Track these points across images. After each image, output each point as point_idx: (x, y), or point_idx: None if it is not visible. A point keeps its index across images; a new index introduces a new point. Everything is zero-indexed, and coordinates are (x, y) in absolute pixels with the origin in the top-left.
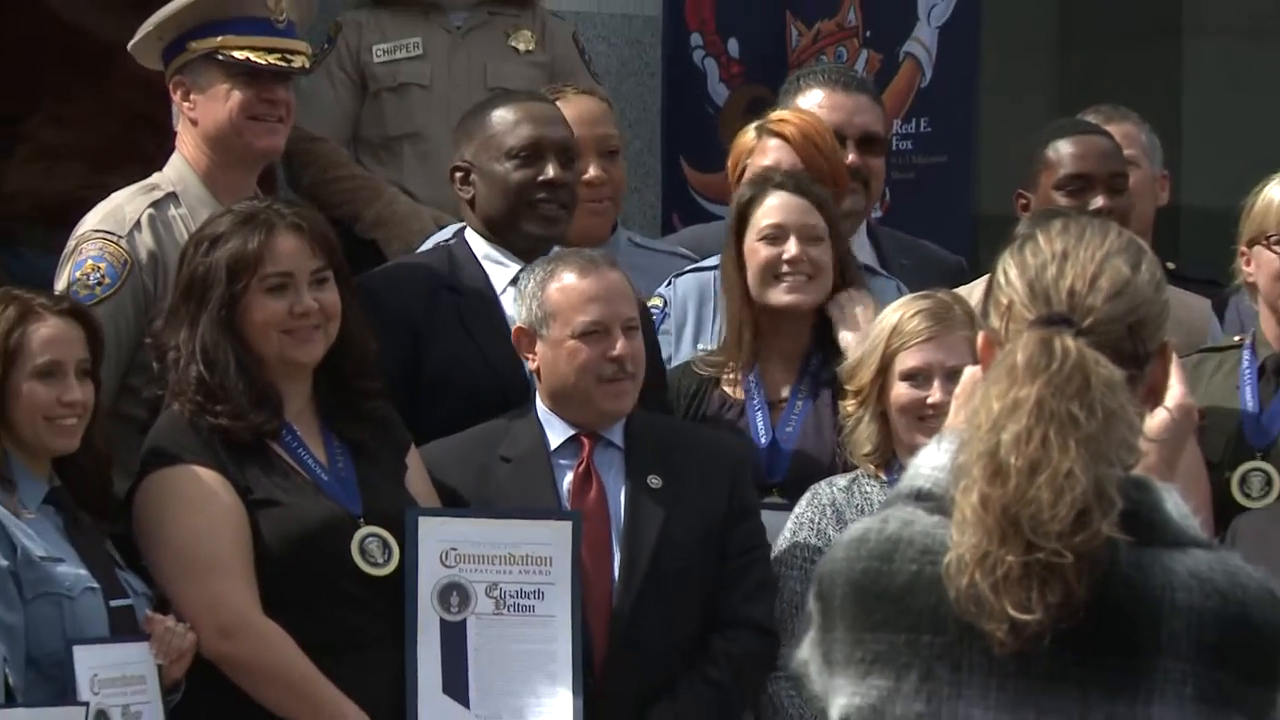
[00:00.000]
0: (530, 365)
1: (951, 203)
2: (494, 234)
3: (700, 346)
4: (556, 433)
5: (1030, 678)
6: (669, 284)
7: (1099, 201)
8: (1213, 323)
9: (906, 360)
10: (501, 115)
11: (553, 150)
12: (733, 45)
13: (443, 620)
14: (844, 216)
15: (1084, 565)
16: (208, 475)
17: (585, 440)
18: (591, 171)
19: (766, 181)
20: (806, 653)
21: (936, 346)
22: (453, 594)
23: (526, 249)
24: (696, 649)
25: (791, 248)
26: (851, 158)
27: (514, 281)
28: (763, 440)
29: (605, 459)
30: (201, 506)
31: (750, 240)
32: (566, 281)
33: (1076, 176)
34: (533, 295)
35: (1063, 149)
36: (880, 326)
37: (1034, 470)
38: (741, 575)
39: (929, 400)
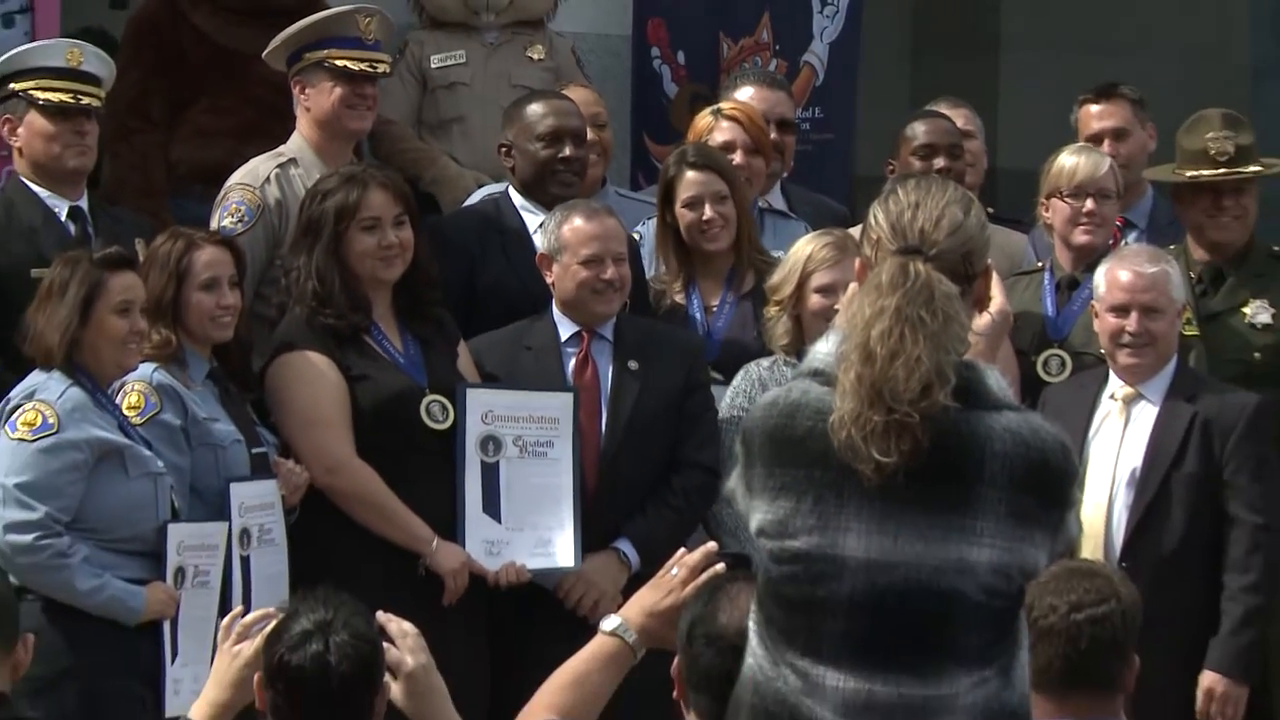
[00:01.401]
0: (549, 280)
1: (837, 168)
2: (527, 192)
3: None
4: (565, 329)
5: (890, 501)
6: (644, 223)
7: (940, 163)
8: (1029, 251)
9: (819, 279)
10: (534, 109)
11: (569, 135)
12: (680, 56)
13: (483, 462)
14: (769, 177)
15: (927, 423)
16: (318, 358)
17: (585, 335)
18: (590, 136)
19: (682, 161)
20: (734, 483)
21: (841, 269)
22: (489, 443)
23: (550, 203)
24: (661, 483)
25: (708, 211)
26: (773, 135)
27: (541, 225)
28: (700, 333)
29: (599, 348)
30: (314, 380)
31: (677, 206)
32: (576, 224)
33: (925, 146)
34: (552, 232)
35: (917, 128)
36: (796, 254)
37: (893, 356)
38: (693, 431)
39: (835, 307)
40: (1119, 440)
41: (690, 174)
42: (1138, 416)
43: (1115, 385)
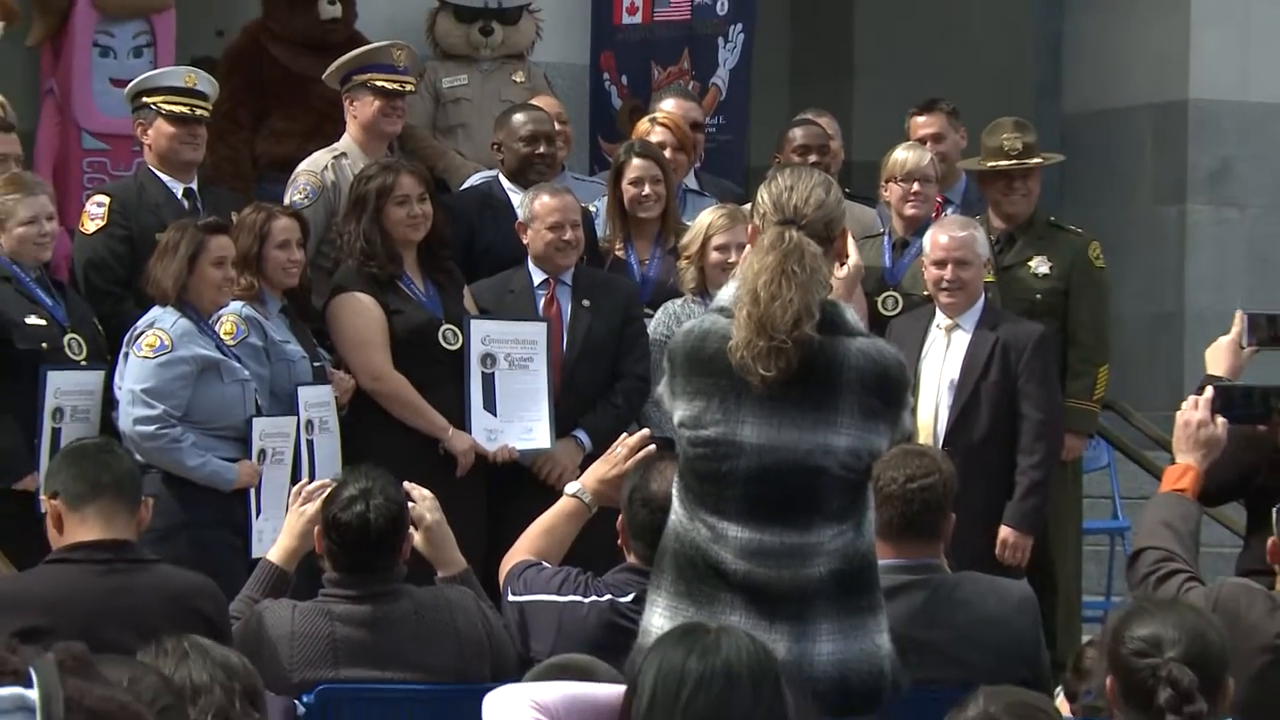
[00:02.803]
0: (525, 241)
1: (734, 160)
2: (512, 178)
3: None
4: (537, 277)
5: (774, 402)
6: (597, 201)
7: (812, 158)
8: (875, 220)
9: (717, 240)
10: (518, 119)
11: (543, 137)
12: (624, 78)
13: (483, 373)
14: (686, 165)
15: (798, 347)
16: (364, 297)
17: (551, 281)
18: (557, 127)
19: (630, 151)
20: (662, 388)
21: (732, 233)
22: (487, 359)
23: (527, 185)
24: (606, 388)
25: (646, 189)
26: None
27: (520, 201)
28: (635, 279)
29: (562, 291)
30: (361, 313)
31: (624, 183)
32: (544, 200)
33: (801, 145)
34: (527, 206)
35: (795, 132)
36: (700, 222)
37: (773, 299)
38: (630, 351)
39: (729, 261)
40: (942, 358)
41: (636, 160)
42: (955, 341)
43: (940, 319)
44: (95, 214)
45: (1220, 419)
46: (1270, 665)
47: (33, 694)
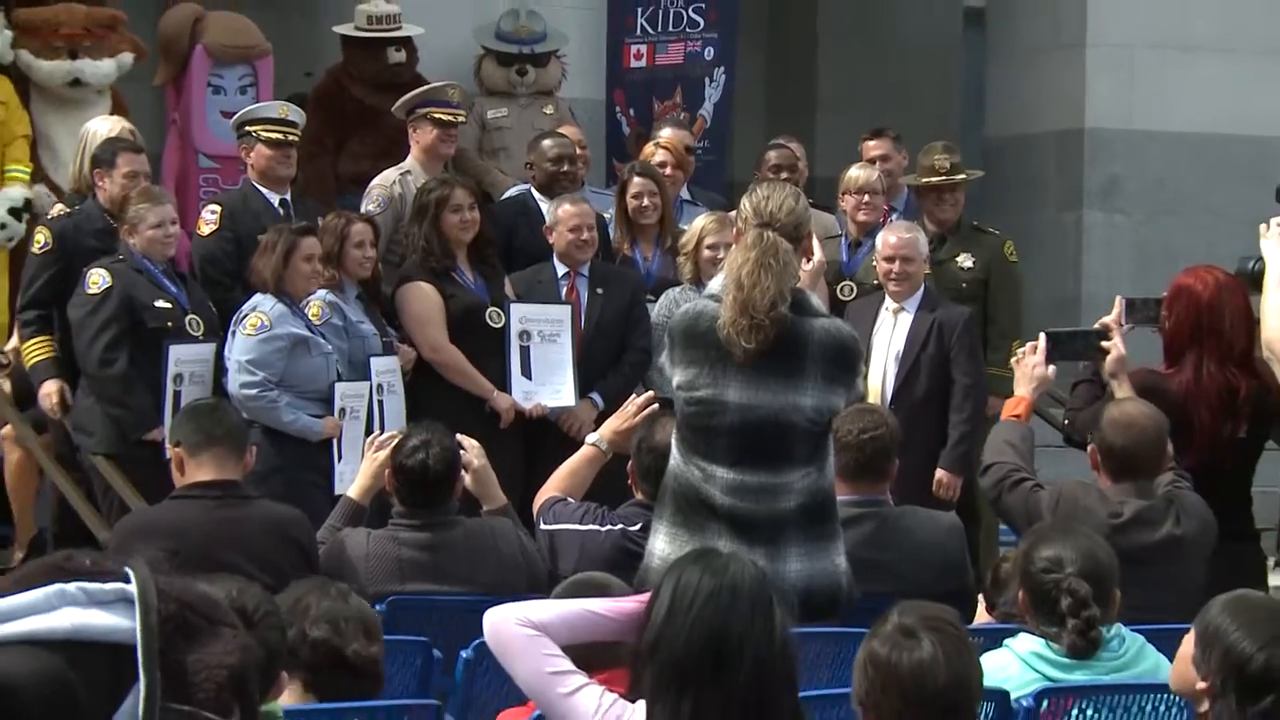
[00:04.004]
0: (551, 241)
1: (719, 176)
2: (542, 191)
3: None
4: (561, 270)
5: (753, 370)
6: (609, 210)
7: (784, 176)
8: (835, 225)
9: (709, 240)
10: (547, 143)
11: (567, 159)
12: (631, 111)
13: (520, 346)
14: (682, 180)
15: (774, 325)
16: (426, 285)
17: (572, 273)
18: (578, 152)
19: (632, 171)
20: (663, 359)
21: (721, 235)
22: (524, 334)
23: (554, 197)
24: (617, 359)
25: (644, 201)
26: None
27: (548, 210)
28: (640, 273)
29: (580, 281)
30: (423, 298)
31: (628, 197)
32: (565, 208)
33: (775, 165)
34: (553, 213)
35: (769, 154)
36: (695, 226)
37: (754, 286)
38: (635, 329)
39: (719, 257)
40: (889, 335)
41: (636, 179)
42: (900, 321)
43: (888, 303)
44: (209, 220)
45: (1051, 366)
46: (1105, 539)
47: (131, 587)
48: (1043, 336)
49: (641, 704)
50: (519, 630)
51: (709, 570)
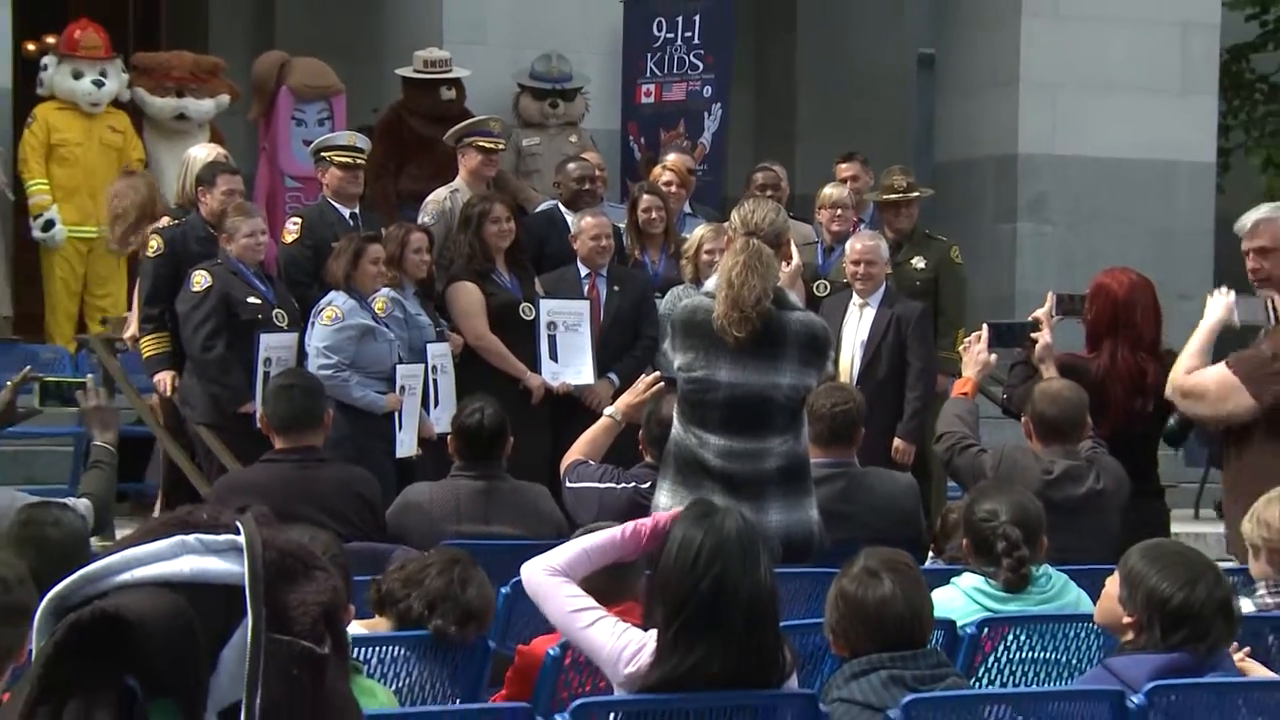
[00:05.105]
0: (575, 247)
1: (715, 193)
2: (568, 206)
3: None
4: (583, 271)
5: (741, 353)
6: (623, 222)
7: (769, 194)
8: (812, 234)
9: (707, 246)
10: (571, 166)
11: (588, 179)
12: (642, 139)
13: (548, 335)
14: (685, 197)
15: (759, 318)
16: (470, 285)
17: (592, 274)
18: (596, 174)
19: (641, 189)
20: (666, 346)
21: (717, 242)
22: (552, 325)
23: (577, 211)
24: (629, 345)
25: (652, 214)
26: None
27: (572, 222)
28: (650, 274)
29: (599, 281)
30: (468, 295)
31: (638, 211)
32: (587, 220)
33: (761, 184)
34: (576, 225)
35: (757, 175)
36: (695, 235)
37: (742, 285)
38: (645, 320)
39: (715, 261)
40: (856, 326)
41: (645, 196)
42: (865, 315)
43: (855, 299)
44: (292, 230)
45: (992, 354)
46: (1039, 492)
47: (240, 538)
48: (985, 327)
49: (653, 632)
50: (546, 577)
51: (706, 526)
